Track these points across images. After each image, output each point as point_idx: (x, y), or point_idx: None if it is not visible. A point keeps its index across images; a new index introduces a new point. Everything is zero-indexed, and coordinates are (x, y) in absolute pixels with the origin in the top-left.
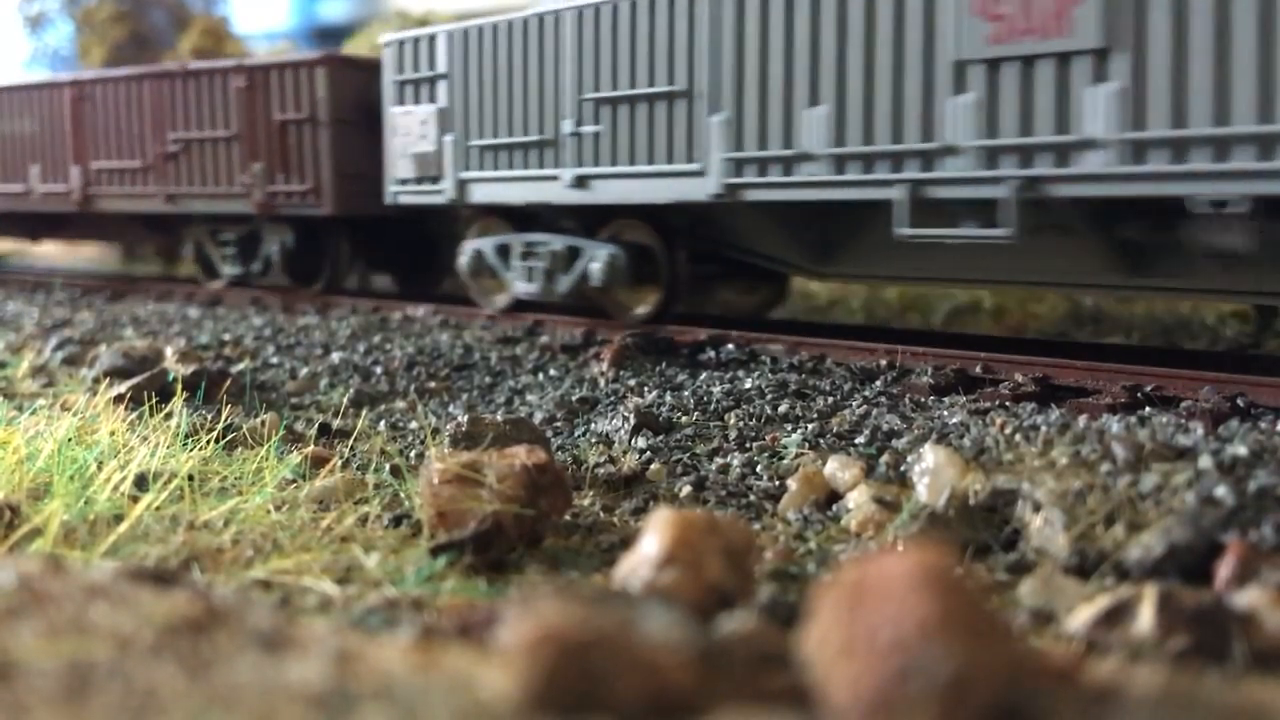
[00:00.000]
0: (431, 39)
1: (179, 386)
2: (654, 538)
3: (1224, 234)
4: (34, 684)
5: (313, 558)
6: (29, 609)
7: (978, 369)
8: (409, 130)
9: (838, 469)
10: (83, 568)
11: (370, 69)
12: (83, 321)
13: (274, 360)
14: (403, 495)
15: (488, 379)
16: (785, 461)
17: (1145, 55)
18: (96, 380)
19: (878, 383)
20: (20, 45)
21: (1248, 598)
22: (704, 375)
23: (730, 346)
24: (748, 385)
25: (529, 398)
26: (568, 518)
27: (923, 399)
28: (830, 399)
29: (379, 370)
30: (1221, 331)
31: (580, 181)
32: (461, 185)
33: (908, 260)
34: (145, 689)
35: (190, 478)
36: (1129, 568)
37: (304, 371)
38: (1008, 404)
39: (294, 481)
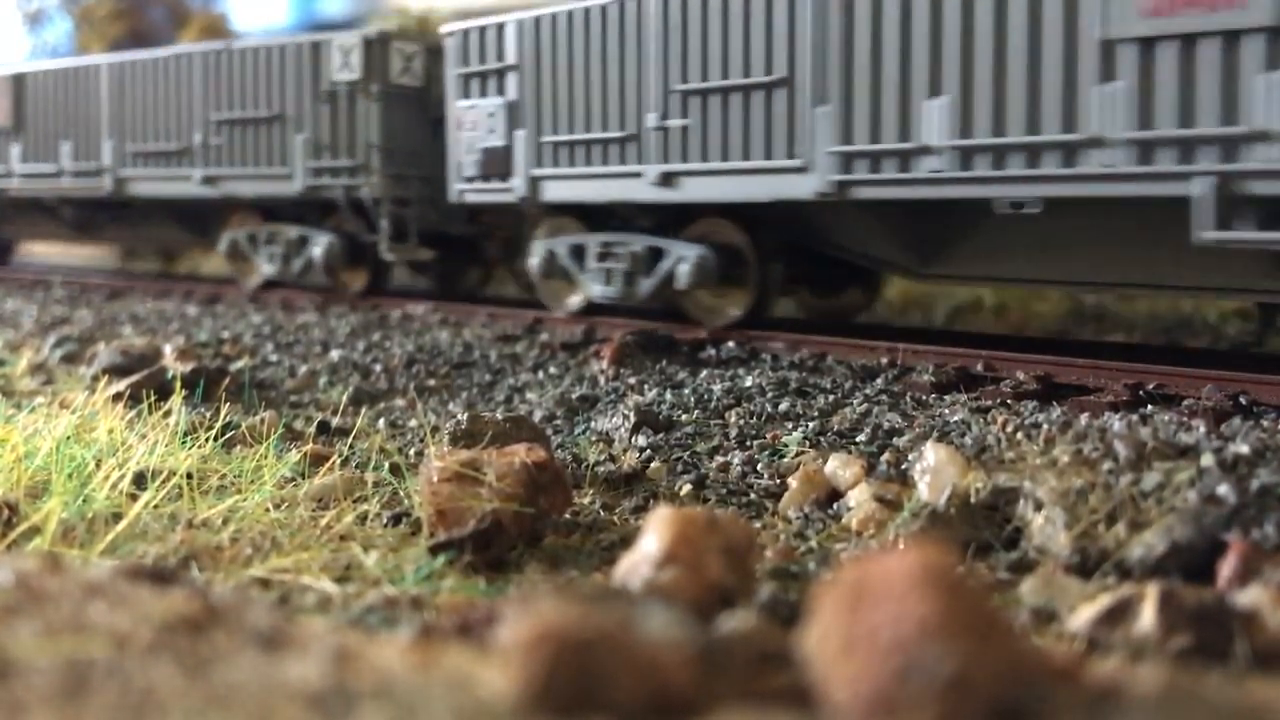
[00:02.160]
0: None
1: (178, 384)
2: (654, 536)
3: None
4: (32, 683)
5: (311, 556)
6: (27, 607)
7: (979, 367)
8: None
9: (839, 467)
10: (81, 566)
11: None
12: (81, 319)
13: (273, 358)
14: (402, 493)
15: (487, 377)
16: (786, 460)
17: None
18: (95, 378)
19: (879, 381)
20: (19, 41)
21: (1250, 596)
22: (704, 373)
23: (731, 344)
24: (748, 383)
25: (529, 396)
26: (568, 516)
27: (924, 397)
28: (831, 397)
29: (378, 368)
30: (1223, 330)
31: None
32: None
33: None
34: (143, 688)
35: (189, 476)
36: (1131, 566)
37: (303, 369)
38: (1009, 402)
39: (293, 480)
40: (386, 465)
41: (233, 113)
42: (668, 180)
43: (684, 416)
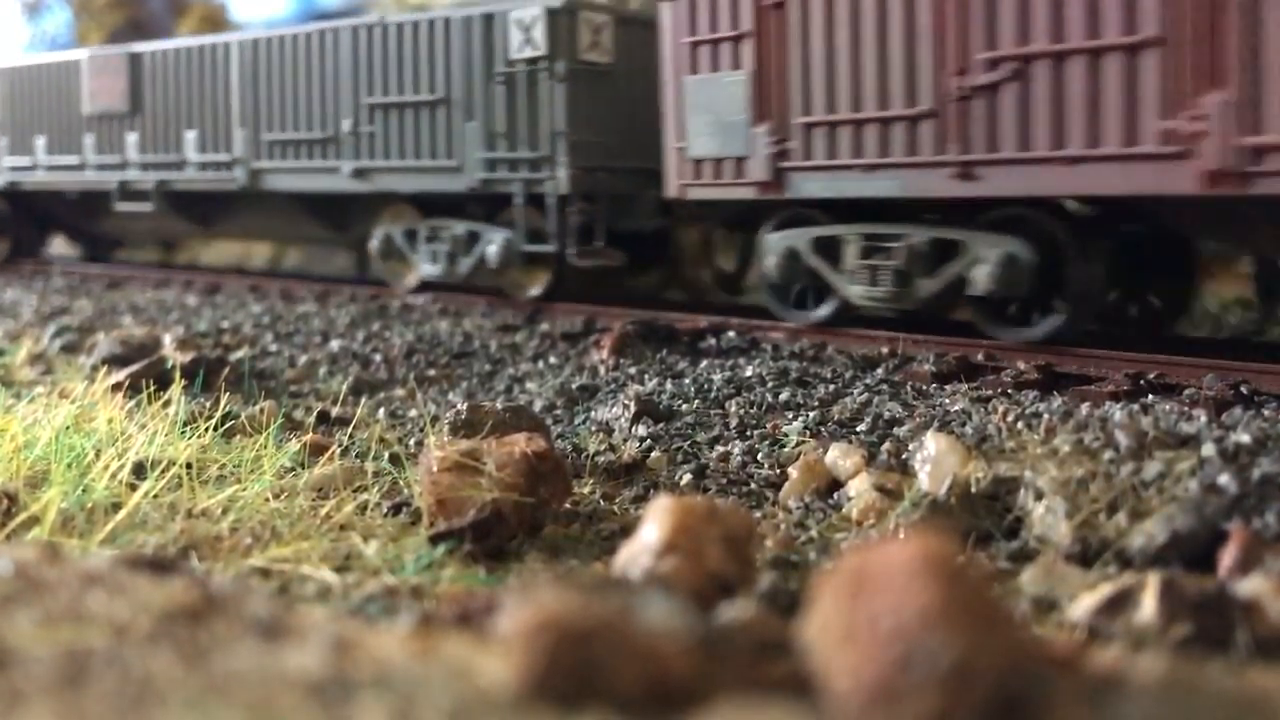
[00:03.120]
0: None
1: (177, 374)
2: (654, 526)
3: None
4: (31, 672)
5: (311, 546)
6: (26, 597)
7: (980, 356)
8: None
9: (839, 457)
10: (80, 555)
11: None
12: (81, 309)
13: (273, 348)
14: (402, 483)
15: (487, 367)
16: (786, 449)
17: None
18: (95, 368)
19: (879, 370)
20: (17, 31)
21: (1250, 586)
22: (705, 363)
23: (731, 334)
24: (749, 373)
25: (529, 385)
26: (567, 506)
27: (924, 387)
28: (832, 387)
29: (378, 358)
30: (1225, 319)
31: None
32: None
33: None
34: (142, 677)
35: (188, 466)
36: (1131, 556)
37: (303, 359)
38: (1010, 391)
39: (292, 469)
40: (386, 455)
41: None
42: None
43: (684, 406)
